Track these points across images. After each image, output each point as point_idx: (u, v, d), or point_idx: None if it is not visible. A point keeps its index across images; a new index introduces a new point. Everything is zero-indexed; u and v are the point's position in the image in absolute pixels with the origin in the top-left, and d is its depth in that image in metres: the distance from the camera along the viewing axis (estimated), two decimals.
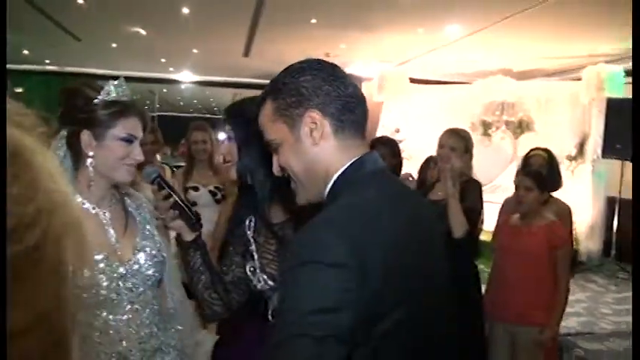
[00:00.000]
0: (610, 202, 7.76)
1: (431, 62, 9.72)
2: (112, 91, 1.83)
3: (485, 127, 8.93)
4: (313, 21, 7.50)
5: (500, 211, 4.18)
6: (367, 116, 1.37)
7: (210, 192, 4.30)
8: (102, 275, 1.76)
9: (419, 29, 7.73)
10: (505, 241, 3.58)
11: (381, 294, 1.09)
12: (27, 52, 10.78)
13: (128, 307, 1.82)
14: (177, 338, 1.99)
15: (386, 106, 9.60)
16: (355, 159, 1.30)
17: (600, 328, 5.55)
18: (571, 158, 7.96)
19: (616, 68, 7.93)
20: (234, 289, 1.87)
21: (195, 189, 4.33)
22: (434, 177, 4.13)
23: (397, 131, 8.90)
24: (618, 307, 6.35)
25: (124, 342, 1.81)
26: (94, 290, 1.74)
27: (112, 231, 1.86)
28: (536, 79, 9.91)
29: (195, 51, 10.17)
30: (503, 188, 3.66)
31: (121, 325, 1.81)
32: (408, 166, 5.76)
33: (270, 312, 1.82)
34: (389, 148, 3.90)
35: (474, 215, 3.40)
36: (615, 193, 7.76)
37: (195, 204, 4.23)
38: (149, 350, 1.85)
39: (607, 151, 7.57)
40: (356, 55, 9.39)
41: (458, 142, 3.67)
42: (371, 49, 9.08)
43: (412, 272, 1.19)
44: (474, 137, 8.66)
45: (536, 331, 3.30)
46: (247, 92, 15.13)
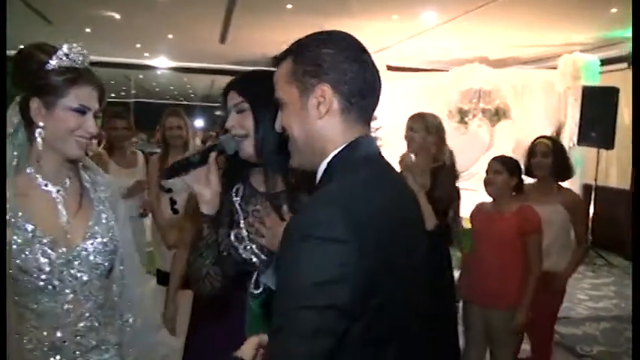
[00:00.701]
0: (586, 189, 7.82)
1: (408, 50, 9.73)
2: (65, 56, 1.69)
3: (462, 114, 8.95)
4: (289, 6, 7.45)
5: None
6: (376, 106, 1.37)
7: None
8: (45, 259, 1.65)
9: (393, 16, 7.72)
10: (479, 227, 3.58)
11: (375, 270, 1.13)
12: None
13: (70, 297, 1.71)
14: (124, 333, 1.88)
15: None
16: (352, 140, 1.32)
17: (577, 313, 5.63)
18: None
19: (591, 57, 7.99)
20: (225, 262, 1.81)
21: None
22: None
23: (374, 118, 8.89)
24: (595, 293, 6.48)
25: (59, 332, 1.70)
26: (35, 274, 1.64)
27: (63, 211, 1.73)
28: (512, 67, 9.96)
29: (170, 36, 10.06)
30: (480, 177, 3.64)
31: (60, 312, 1.70)
32: (384, 153, 5.71)
33: (255, 286, 1.78)
34: None
35: (443, 204, 3.41)
36: (591, 180, 7.84)
37: (170, 190, 4.18)
38: (85, 345, 1.74)
39: (582, 139, 7.65)
40: None
41: (416, 122, 3.70)
42: None
43: (399, 250, 1.23)
44: (451, 124, 8.82)
45: (508, 315, 3.31)
46: (224, 79, 15.08)
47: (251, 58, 11.80)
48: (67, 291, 1.70)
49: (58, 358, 1.70)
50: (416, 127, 3.67)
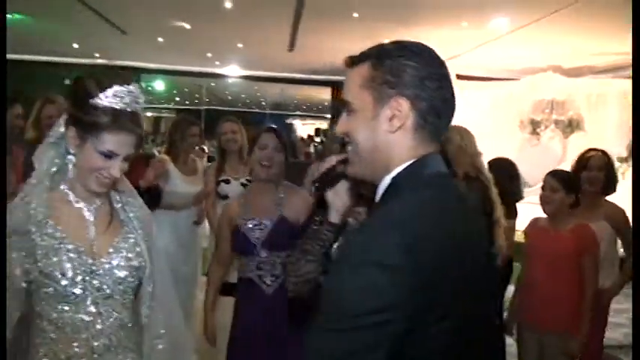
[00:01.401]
0: None
1: (478, 58, 9.52)
2: (114, 96, 1.67)
3: (534, 125, 8.70)
4: (355, 15, 7.41)
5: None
6: (449, 125, 1.31)
7: (242, 185, 4.30)
8: (69, 264, 1.66)
9: (463, 23, 7.56)
10: (533, 243, 3.43)
11: (431, 295, 1.08)
12: (76, 46, 10.99)
13: (91, 308, 1.71)
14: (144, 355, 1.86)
15: None
16: (420, 157, 1.26)
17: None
18: (622, 160, 7.66)
19: None
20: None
21: (227, 182, 4.33)
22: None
23: None
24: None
25: (76, 346, 1.70)
26: (57, 279, 1.64)
27: (92, 227, 1.76)
28: (587, 76, 9.62)
29: (240, 45, 10.19)
30: None
31: (79, 325, 1.70)
32: None
33: None
34: None
35: None
36: None
37: (226, 197, 4.26)
38: None
39: None
40: None
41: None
42: None
43: (458, 274, 1.16)
44: (522, 136, 8.57)
45: (564, 340, 3.15)
46: (292, 87, 15.22)
47: (319, 67, 11.84)
48: (88, 302, 1.70)
49: None
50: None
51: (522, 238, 3.64)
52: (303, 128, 24.14)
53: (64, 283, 1.65)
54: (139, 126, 1.72)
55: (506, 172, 4.24)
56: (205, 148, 5.36)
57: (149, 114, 19.77)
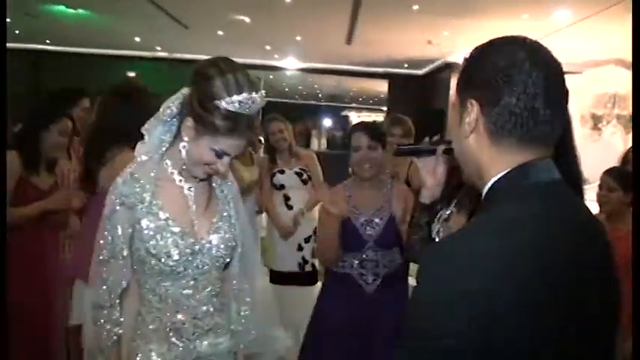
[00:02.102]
0: None
1: None
2: (238, 103, 1.68)
3: (596, 120, 8.49)
4: (415, 7, 7.38)
5: None
6: (560, 129, 1.16)
7: (296, 173, 4.41)
8: (174, 248, 1.77)
9: (524, 15, 7.44)
10: None
11: (508, 332, 0.96)
12: (138, 39, 11.27)
13: (191, 283, 1.84)
14: (239, 322, 2.01)
15: None
16: (515, 166, 1.12)
17: None
18: None
19: None
20: None
21: (282, 172, 4.46)
22: None
23: None
24: None
25: (180, 314, 1.83)
26: (163, 259, 1.76)
27: (193, 206, 1.85)
28: None
29: (298, 38, 10.27)
30: None
31: (181, 297, 1.83)
32: None
33: None
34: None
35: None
36: None
37: (283, 186, 4.42)
38: (201, 327, 1.87)
39: None
40: (459, 42, 9.16)
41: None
42: (474, 36, 8.76)
43: (556, 295, 1.02)
44: (583, 131, 8.37)
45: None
46: (349, 79, 15.22)
47: (376, 59, 11.83)
48: (188, 278, 1.83)
49: (177, 338, 1.85)
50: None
51: None
52: (358, 120, 24.04)
53: (170, 263, 1.77)
54: (254, 130, 1.79)
55: None
56: (262, 139, 5.45)
57: None
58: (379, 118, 20.53)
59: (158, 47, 12.19)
